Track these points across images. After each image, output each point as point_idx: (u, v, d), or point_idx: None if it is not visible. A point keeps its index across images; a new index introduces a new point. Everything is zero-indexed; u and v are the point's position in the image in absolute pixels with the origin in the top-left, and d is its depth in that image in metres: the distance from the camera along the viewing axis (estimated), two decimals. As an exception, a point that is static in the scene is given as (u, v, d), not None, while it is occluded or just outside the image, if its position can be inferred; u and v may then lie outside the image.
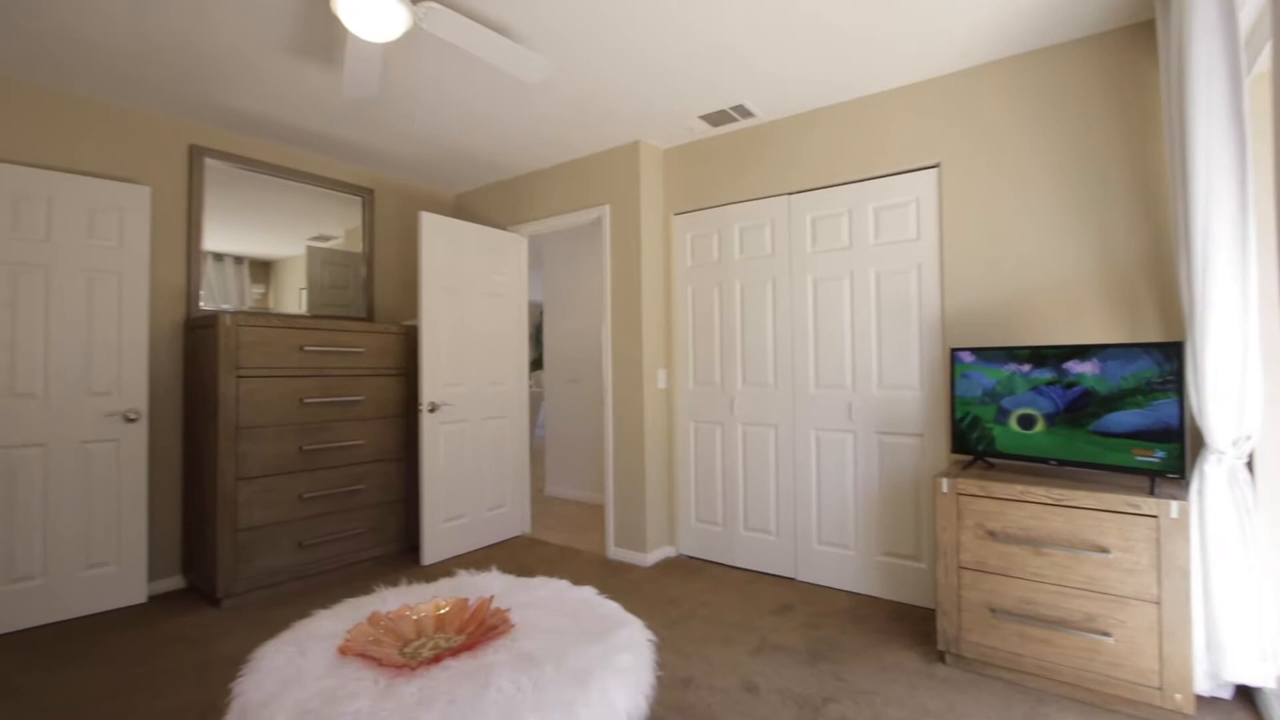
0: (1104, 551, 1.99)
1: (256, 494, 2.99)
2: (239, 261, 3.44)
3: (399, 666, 1.39)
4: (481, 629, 1.59)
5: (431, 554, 3.53)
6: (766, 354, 3.32)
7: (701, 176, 3.57)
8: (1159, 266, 2.32)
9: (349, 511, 3.36)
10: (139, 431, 2.99)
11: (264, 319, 3.03)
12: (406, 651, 1.50)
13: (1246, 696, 2.02)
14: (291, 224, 3.67)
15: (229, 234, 3.40)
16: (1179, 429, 2.00)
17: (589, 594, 1.85)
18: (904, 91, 2.89)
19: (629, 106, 3.11)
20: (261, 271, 3.54)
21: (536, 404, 8.27)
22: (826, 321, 3.12)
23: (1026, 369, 2.37)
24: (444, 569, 3.40)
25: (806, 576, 3.19)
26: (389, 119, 3.26)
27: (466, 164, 3.97)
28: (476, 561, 3.52)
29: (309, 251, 3.76)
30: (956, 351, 2.48)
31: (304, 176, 3.72)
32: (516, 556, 3.69)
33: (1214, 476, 1.96)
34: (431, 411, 3.54)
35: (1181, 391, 2.01)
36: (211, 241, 3.33)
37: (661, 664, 2.29)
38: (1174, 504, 1.89)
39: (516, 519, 4.12)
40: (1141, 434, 2.09)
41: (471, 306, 3.83)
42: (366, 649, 1.46)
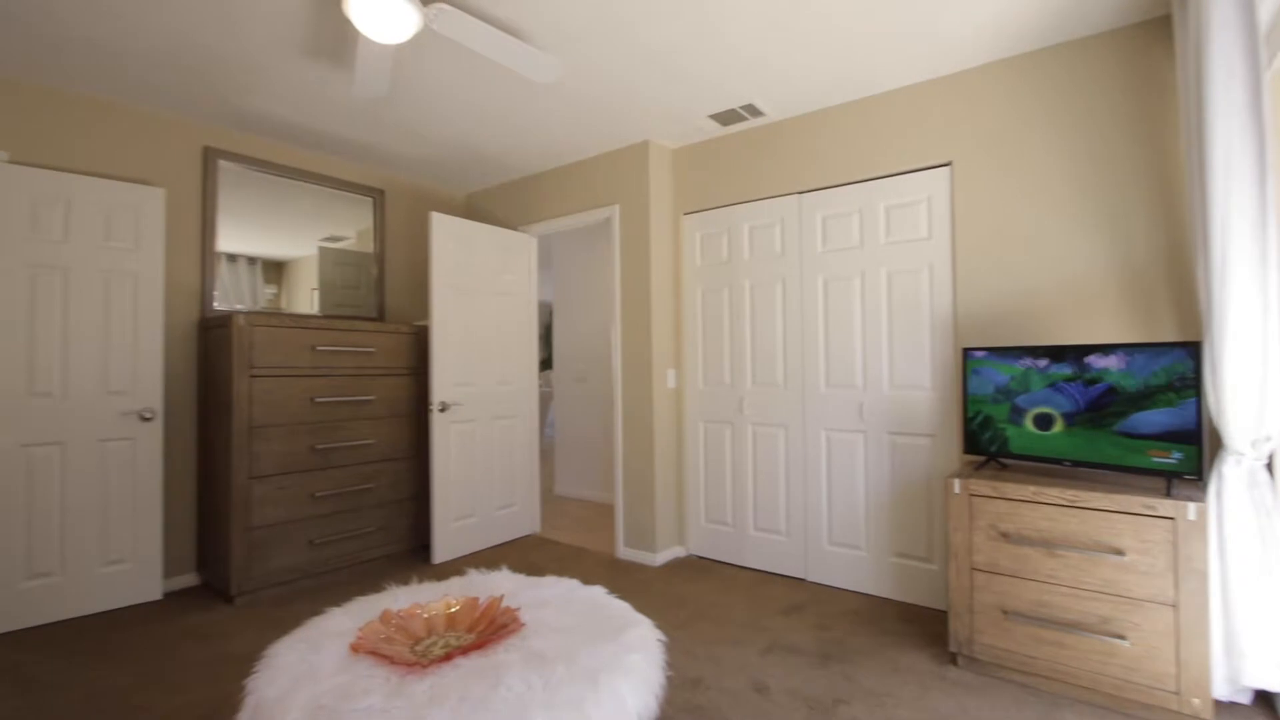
0: (1119, 554, 1.96)
1: (269, 492, 3.02)
2: (252, 262, 3.48)
3: (410, 664, 1.39)
4: (492, 628, 1.60)
5: (442, 553, 3.55)
6: (776, 354, 3.31)
7: (711, 176, 3.56)
8: (1175, 265, 2.29)
9: (360, 510, 3.39)
10: (154, 430, 3.02)
11: (277, 319, 3.06)
12: (418, 649, 1.51)
13: (1266, 702, 1.99)
14: (303, 225, 3.70)
15: (242, 235, 3.44)
16: (1196, 430, 1.98)
17: (599, 593, 1.85)
18: (915, 89, 2.87)
19: (638, 106, 3.11)
20: (274, 272, 3.57)
21: (546, 403, 8.28)
22: (837, 321, 3.10)
23: (1043, 364, 2.27)
24: (454, 568, 3.42)
25: (817, 577, 3.18)
26: (399, 120, 3.28)
27: (476, 164, 3.99)
28: (486, 560, 3.54)
29: (321, 252, 3.79)
30: (969, 350, 2.46)
31: (316, 178, 3.75)
32: (526, 556, 3.70)
33: (1233, 478, 1.93)
34: (442, 411, 3.56)
35: (1199, 392, 1.98)
36: (225, 242, 3.36)
37: (671, 664, 2.28)
38: (1191, 506, 1.87)
39: (526, 518, 4.13)
40: (1165, 435, 2.01)
41: (482, 306, 3.85)
42: (378, 647, 1.47)
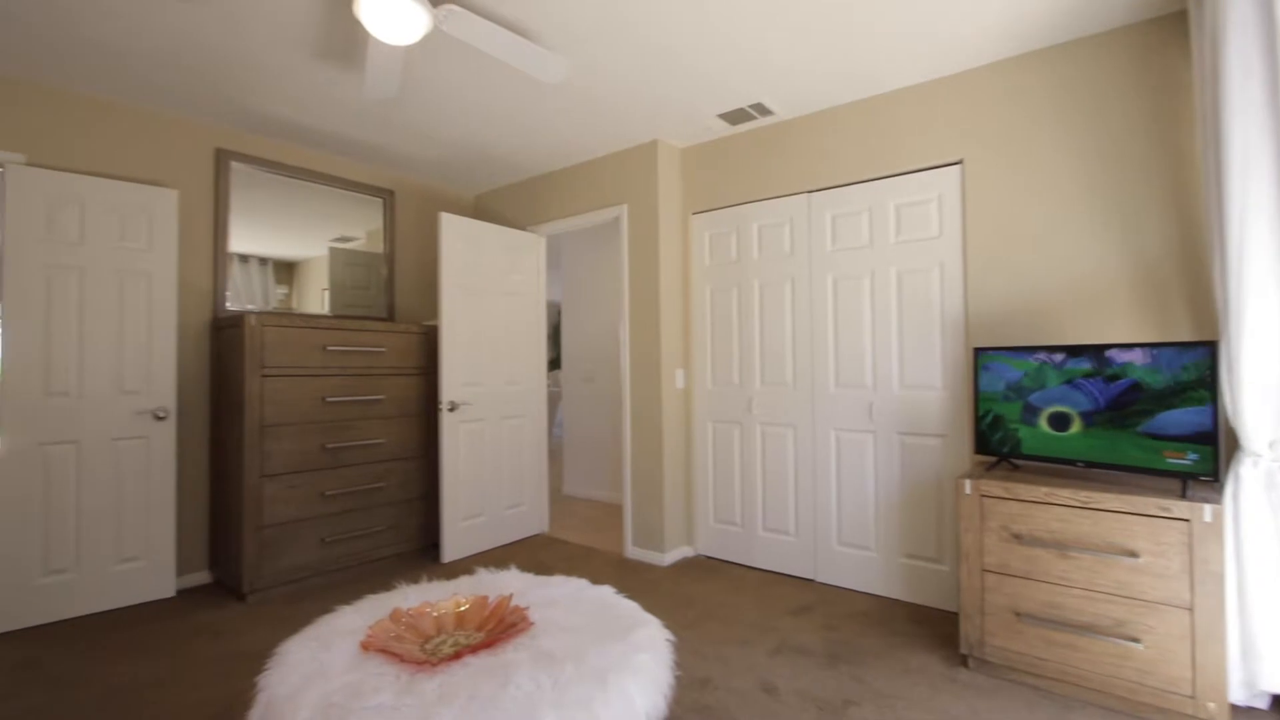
0: (1133, 556, 1.94)
1: (280, 491, 3.04)
2: (263, 263, 3.51)
3: (420, 663, 1.40)
4: (501, 626, 1.60)
5: (451, 551, 3.57)
6: (785, 353, 3.30)
7: (720, 175, 3.55)
8: (1190, 264, 2.26)
9: (370, 509, 3.41)
10: (167, 429, 3.05)
11: (288, 319, 3.08)
12: (427, 648, 1.52)
13: (1283, 706, 1.97)
14: (314, 225, 3.73)
15: (254, 235, 3.47)
16: (1212, 430, 1.95)
17: (607, 593, 1.85)
18: (926, 87, 2.85)
19: (647, 106, 3.11)
20: (285, 272, 3.60)
21: (554, 403, 8.30)
22: (846, 320, 3.09)
23: (1059, 358, 2.20)
24: (463, 566, 3.43)
25: (826, 578, 3.16)
26: (409, 121, 3.29)
27: (485, 165, 4.00)
28: (495, 559, 3.55)
29: (331, 252, 3.81)
30: (980, 350, 2.44)
31: (326, 178, 3.77)
32: (535, 555, 3.71)
33: (1250, 479, 1.90)
34: (451, 410, 3.58)
35: (1215, 392, 1.95)
36: (237, 243, 3.39)
37: (680, 664, 2.29)
38: (1207, 508, 1.84)
39: (535, 518, 4.14)
40: (1189, 436, 1.95)
41: (490, 306, 3.86)
42: (388, 645, 1.48)
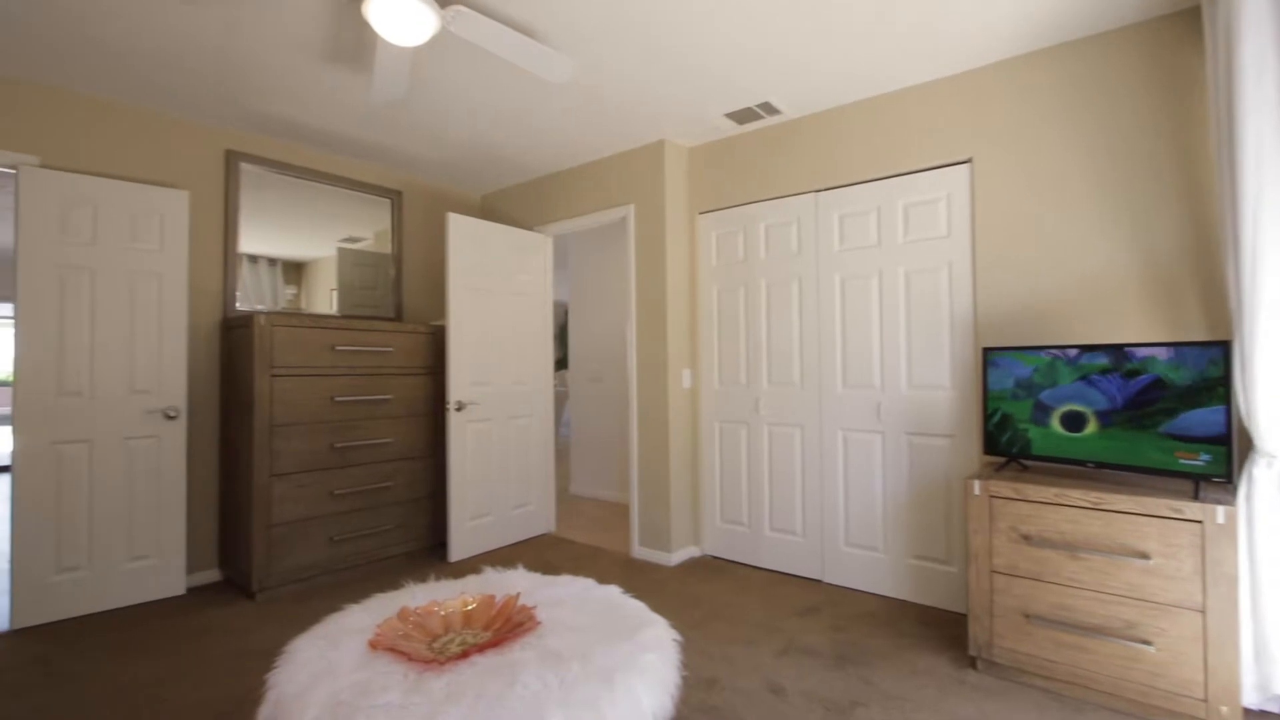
0: (1145, 557, 1.92)
1: (289, 490, 3.06)
2: (272, 263, 3.53)
3: (428, 661, 1.41)
4: (508, 626, 1.60)
5: (458, 551, 3.58)
6: (793, 353, 3.29)
7: (727, 175, 3.55)
8: (1203, 263, 2.23)
9: (378, 508, 3.42)
10: (178, 428, 3.08)
11: (297, 319, 3.10)
12: (435, 647, 1.53)
13: (1298, 710, 1.94)
14: (323, 226, 3.75)
15: (263, 236, 3.49)
16: (1225, 431, 1.93)
17: (614, 593, 1.85)
18: (934, 86, 2.84)
19: (653, 106, 3.11)
20: (294, 273, 3.62)
21: (561, 403, 8.31)
22: (854, 320, 3.08)
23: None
24: (471, 566, 3.44)
25: (833, 578, 3.15)
26: (416, 122, 3.30)
27: (492, 165, 4.01)
28: (502, 559, 3.56)
29: (339, 253, 3.83)
30: (989, 350, 2.42)
31: (335, 179, 3.79)
32: (542, 554, 3.72)
33: (1263, 481, 1.89)
34: (458, 410, 3.59)
35: (1229, 392, 1.93)
36: (246, 244, 3.42)
37: (686, 664, 2.28)
38: (1220, 509, 1.82)
39: (541, 517, 4.15)
40: (1202, 436, 1.91)
41: (498, 306, 3.87)
42: (396, 643, 1.48)
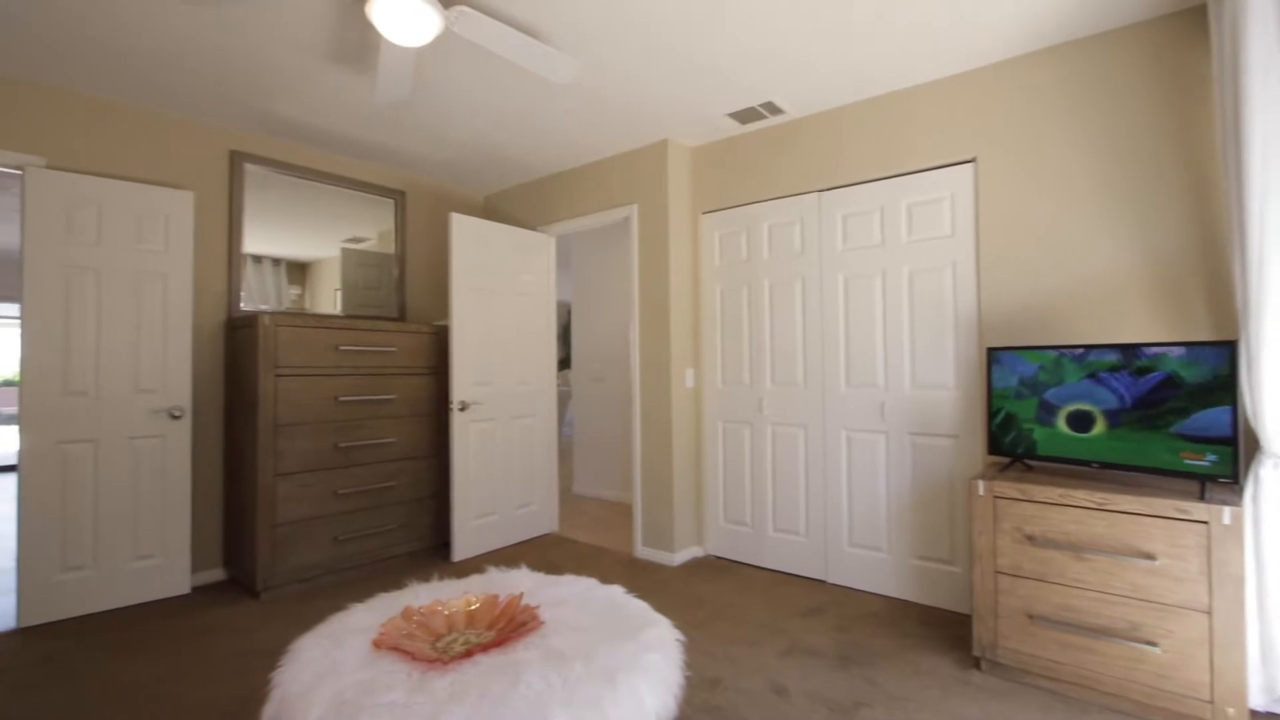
0: (1150, 558, 1.92)
1: (294, 490, 3.07)
2: (277, 263, 3.54)
3: (431, 661, 1.41)
4: (511, 625, 1.60)
5: (462, 550, 3.58)
6: (796, 353, 3.29)
7: (730, 175, 3.54)
8: (1209, 261, 2.22)
9: (382, 508, 3.43)
10: (183, 428, 3.09)
11: (301, 319, 3.11)
12: (438, 646, 1.53)
13: (1305, 712, 1.93)
14: (326, 226, 3.76)
15: (267, 236, 3.50)
16: (1231, 432, 1.92)
17: (617, 593, 1.85)
18: (938, 85, 2.83)
19: (656, 106, 3.10)
20: (298, 273, 3.63)
21: (564, 403, 8.32)
22: (858, 320, 3.07)
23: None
24: (474, 565, 3.44)
25: (837, 579, 3.14)
26: (420, 123, 3.31)
27: (495, 165, 4.02)
28: (506, 558, 3.56)
29: (343, 253, 3.84)
30: (993, 350, 2.42)
31: (338, 180, 3.80)
32: (545, 554, 3.72)
33: (1270, 482, 1.88)
34: (462, 410, 3.59)
35: (1235, 392, 1.92)
36: (251, 244, 3.43)
37: (689, 664, 2.27)
38: (1226, 510, 1.81)
39: (545, 517, 4.15)
40: (1209, 437, 1.90)
41: (501, 306, 3.87)
42: (400, 643, 1.48)
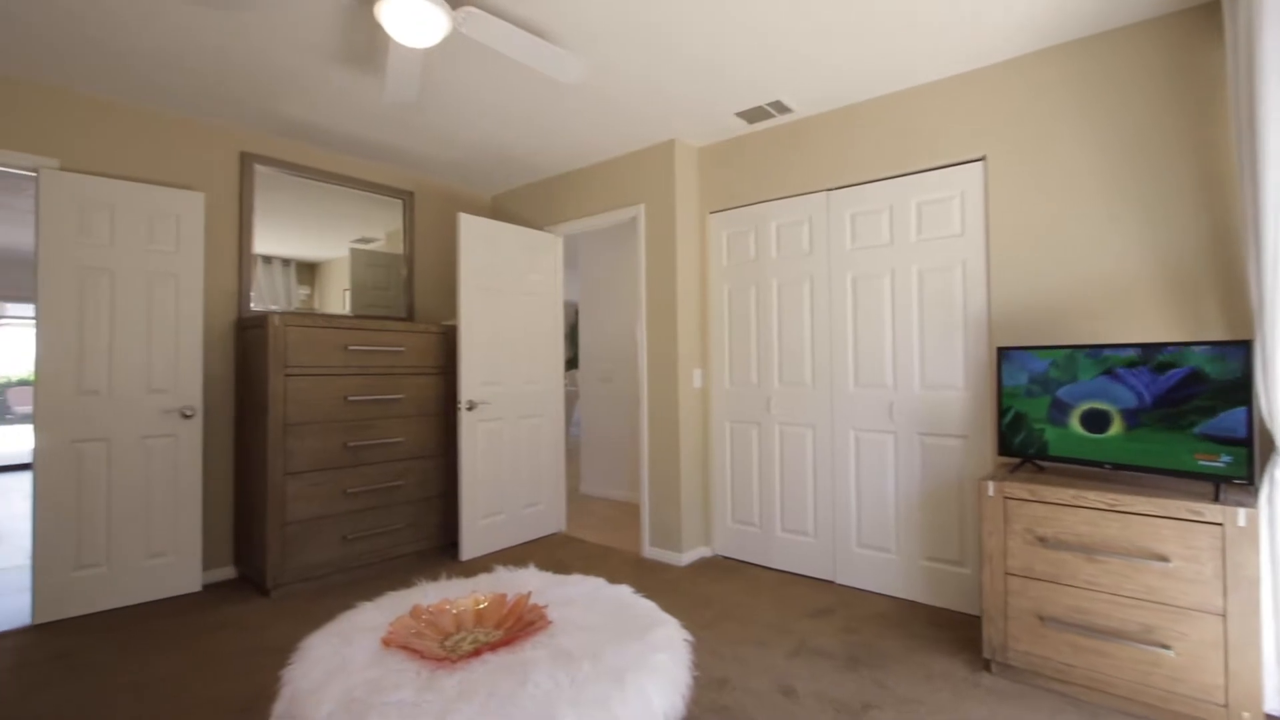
0: (1164, 560, 1.89)
1: (303, 489, 3.09)
2: (286, 264, 3.56)
3: (440, 659, 1.41)
4: (519, 624, 1.61)
5: (470, 550, 3.59)
6: (804, 353, 3.27)
7: (737, 174, 3.53)
8: (1223, 262, 2.19)
9: (390, 507, 3.45)
10: (194, 427, 3.12)
11: (310, 319, 3.13)
12: (447, 645, 1.53)
13: (1322, 717, 1.91)
14: (335, 227, 3.78)
15: (277, 237, 3.52)
16: (1246, 432, 1.89)
17: (625, 592, 1.85)
18: (948, 83, 2.81)
19: (664, 105, 3.10)
20: (307, 273, 3.65)
21: (572, 403, 8.33)
22: (866, 320, 3.06)
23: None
24: (482, 564, 3.45)
25: (845, 579, 3.13)
26: (427, 124, 3.32)
27: (503, 166, 4.03)
28: (513, 558, 3.56)
29: (352, 253, 3.86)
30: (1004, 350, 2.40)
31: (347, 180, 3.82)
32: (553, 554, 3.72)
33: (1286, 483, 1.85)
34: (469, 410, 3.60)
35: (1250, 393, 1.90)
36: (261, 245, 3.45)
37: (697, 664, 2.27)
38: (1241, 511, 1.79)
39: (552, 517, 4.15)
40: (1223, 438, 1.87)
41: (508, 306, 3.88)
42: (409, 641, 1.49)
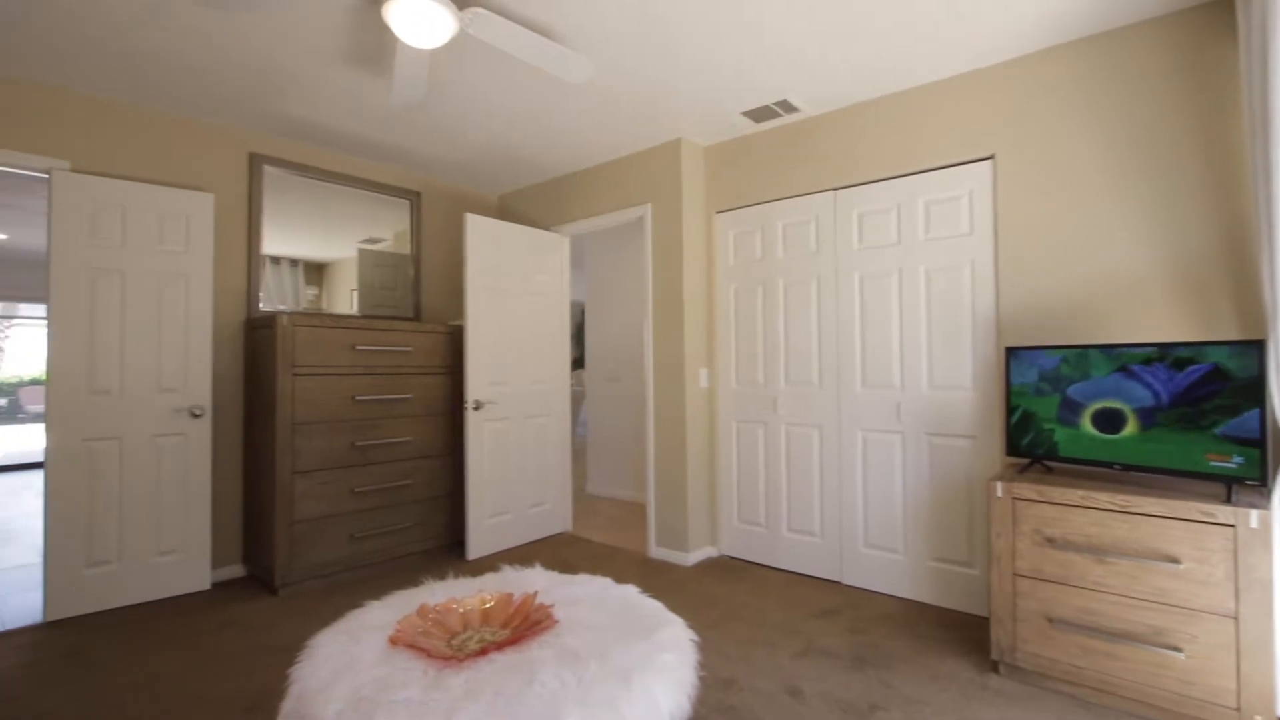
0: (1174, 562, 1.88)
1: (311, 488, 3.11)
2: (294, 264, 3.59)
3: (447, 658, 1.42)
4: (526, 624, 1.61)
5: (476, 549, 3.60)
6: (811, 353, 3.26)
7: (744, 173, 3.53)
8: (1237, 259, 2.17)
9: (398, 506, 3.46)
10: (204, 426, 3.14)
11: (318, 319, 3.15)
12: (454, 644, 1.54)
13: (1336, 721, 1.88)
14: (343, 227, 3.80)
15: (285, 238, 3.55)
16: (1260, 433, 1.87)
17: (631, 592, 1.85)
18: (956, 81, 2.80)
19: (670, 105, 3.10)
20: (315, 273, 3.67)
21: (578, 403, 8.33)
22: (874, 320, 3.04)
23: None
24: (489, 564, 3.46)
25: (852, 580, 3.12)
26: (435, 124, 3.33)
27: (510, 166, 4.03)
28: (520, 557, 3.57)
29: (360, 254, 3.88)
30: (1013, 350, 2.38)
31: (355, 181, 3.84)
32: (559, 553, 3.73)
33: (1299, 484, 1.83)
34: (476, 409, 3.61)
35: (1263, 393, 1.88)
36: (269, 245, 3.47)
37: (703, 664, 2.27)
38: (1254, 513, 1.77)
39: (559, 516, 4.16)
40: (1235, 438, 1.86)
41: (515, 306, 3.89)
42: (416, 640, 1.50)
